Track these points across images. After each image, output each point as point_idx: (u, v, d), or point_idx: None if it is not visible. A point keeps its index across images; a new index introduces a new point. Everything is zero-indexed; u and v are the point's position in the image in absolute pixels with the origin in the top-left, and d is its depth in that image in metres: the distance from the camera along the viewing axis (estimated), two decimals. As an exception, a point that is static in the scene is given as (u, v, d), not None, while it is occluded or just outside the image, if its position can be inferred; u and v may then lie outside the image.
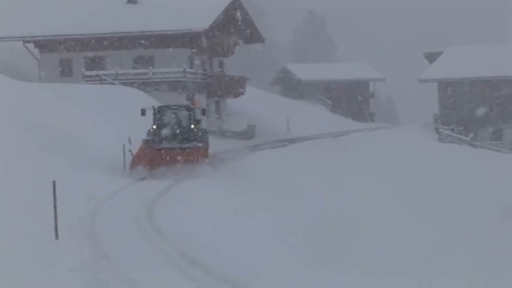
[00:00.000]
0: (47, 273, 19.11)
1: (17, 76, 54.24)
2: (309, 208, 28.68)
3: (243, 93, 69.72)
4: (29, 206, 26.85)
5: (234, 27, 67.93)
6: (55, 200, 24.70)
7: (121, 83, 57.16)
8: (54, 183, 25.20)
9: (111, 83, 57.33)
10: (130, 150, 40.35)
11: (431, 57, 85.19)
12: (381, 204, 29.90)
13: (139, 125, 43.08)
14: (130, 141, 40.62)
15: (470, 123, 78.21)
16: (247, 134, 66.47)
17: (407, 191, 34.91)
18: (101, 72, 60.59)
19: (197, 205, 28.80)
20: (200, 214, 26.63)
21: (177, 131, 42.09)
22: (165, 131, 41.74)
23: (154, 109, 42.42)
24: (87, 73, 60.65)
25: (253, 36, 71.24)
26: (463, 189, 40.39)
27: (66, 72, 62.87)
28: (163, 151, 40.74)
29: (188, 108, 43.92)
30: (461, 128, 76.60)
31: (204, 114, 47.55)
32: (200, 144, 41.40)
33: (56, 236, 23.59)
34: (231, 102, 70.83)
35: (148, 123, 42.25)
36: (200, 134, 42.64)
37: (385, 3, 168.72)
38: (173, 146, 41.17)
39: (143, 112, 42.15)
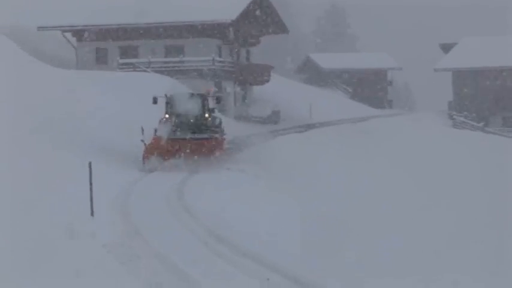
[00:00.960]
0: (83, 248, 19.13)
1: (56, 63, 54.22)
2: (326, 195, 28.45)
3: (268, 81, 69.75)
4: (60, 187, 26.93)
5: (260, 18, 67.80)
6: (91, 179, 24.60)
7: (153, 71, 57.21)
8: (90, 164, 25.11)
9: (144, 71, 57.38)
10: (142, 141, 36.47)
11: (446, 47, 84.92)
12: (395, 191, 29.61)
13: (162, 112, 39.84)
14: (143, 131, 36.66)
15: (482, 110, 77.94)
16: (272, 119, 66.46)
17: (423, 177, 34.57)
18: (134, 61, 60.76)
19: (220, 190, 28.58)
20: (224, 199, 26.37)
21: (191, 120, 38.79)
22: (178, 120, 38.45)
23: (166, 97, 39.18)
24: (122, 61, 60.84)
25: (278, 27, 71.12)
26: (475, 173, 40.18)
27: (101, 60, 63.06)
28: (177, 142, 37.06)
29: (202, 96, 40.05)
30: (473, 114, 76.34)
31: (218, 102, 42.97)
32: (216, 135, 38.18)
33: (92, 214, 23.64)
34: (256, 89, 70.78)
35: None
36: (215, 123, 39.63)
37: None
38: (188, 136, 37.37)
39: (155, 100, 38.91)
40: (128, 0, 67.66)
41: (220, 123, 40.06)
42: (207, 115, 39.04)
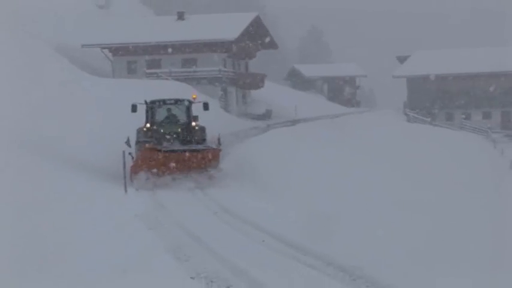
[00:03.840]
0: (119, 217, 19.35)
1: (97, 74, 54.45)
2: (305, 167, 28.17)
3: (262, 86, 69.91)
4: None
5: (256, 37, 67.88)
6: (124, 162, 24.76)
7: (172, 79, 57.22)
8: (123, 152, 25.12)
9: (166, 79, 57.39)
10: (130, 154, 26.62)
11: (402, 59, 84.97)
12: (358, 168, 29.39)
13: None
14: (129, 142, 26.75)
15: (430, 108, 78.09)
16: (266, 116, 66.52)
17: (380, 157, 34.59)
18: (158, 71, 60.67)
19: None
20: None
21: (178, 129, 28.54)
22: (163, 130, 28.34)
23: (146, 104, 28.97)
24: (148, 71, 60.79)
25: (270, 43, 71.06)
26: (421, 152, 40.77)
27: (132, 70, 63.00)
28: (169, 154, 26.14)
29: (187, 103, 29.58)
30: (423, 111, 76.45)
31: (206, 108, 29.52)
32: (214, 146, 27.62)
33: (125, 191, 23.78)
34: (253, 93, 70.87)
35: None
36: (202, 133, 28.87)
37: (369, 16, 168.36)
38: (181, 148, 26.98)
39: (134, 108, 28.35)
40: (153, 24, 68.27)
41: (204, 132, 29.05)
42: (193, 124, 28.93)
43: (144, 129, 28.58)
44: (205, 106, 29.53)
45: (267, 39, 70.02)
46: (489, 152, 58.72)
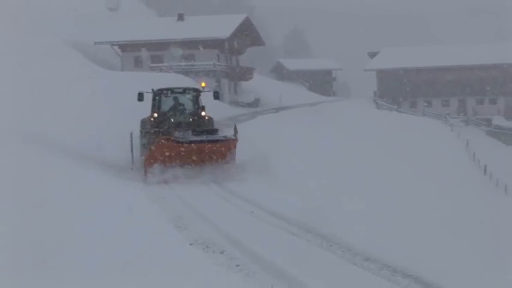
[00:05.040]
0: (126, 187, 19.19)
1: (107, 67, 54.38)
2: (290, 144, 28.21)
3: (251, 78, 69.84)
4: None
5: (246, 35, 67.78)
6: (132, 141, 23.74)
7: (173, 72, 57.18)
8: (131, 134, 23.77)
9: (167, 72, 57.33)
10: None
11: (372, 54, 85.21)
12: (332, 146, 29.65)
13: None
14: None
15: (396, 97, 78.38)
16: (254, 104, 66.55)
17: (353, 137, 34.85)
18: (160, 64, 60.53)
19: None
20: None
21: (190, 119, 23.89)
22: (174, 120, 23.69)
23: (154, 92, 24.19)
24: (152, 65, 60.64)
25: (258, 41, 71.03)
26: (387, 132, 41.31)
27: (138, 64, 62.80)
28: (189, 146, 21.03)
29: (195, 91, 24.73)
30: (390, 100, 76.74)
31: (217, 97, 24.83)
32: (232, 136, 21.84)
33: (131, 168, 23.12)
34: (244, 84, 70.85)
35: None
36: (209, 122, 24.11)
37: (345, 17, 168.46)
38: (201, 138, 21.58)
39: (141, 97, 23.54)
40: (157, 23, 68.13)
41: (212, 122, 24.43)
42: (203, 113, 24.06)
43: (152, 119, 23.79)
44: (216, 95, 24.77)
45: (256, 37, 69.96)
46: (447, 134, 59.13)
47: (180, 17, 66.29)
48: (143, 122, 24.45)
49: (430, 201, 21.98)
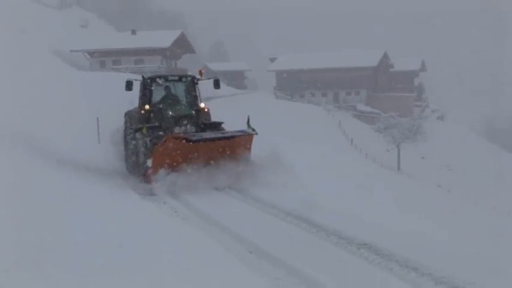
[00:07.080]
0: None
1: (79, 68, 54.00)
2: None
3: (186, 77, 69.97)
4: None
5: (181, 45, 68.17)
6: (98, 128, 20.70)
7: (129, 72, 57.02)
8: (97, 119, 20.01)
9: (124, 72, 57.14)
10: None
11: (272, 59, 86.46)
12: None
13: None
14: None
15: (291, 91, 79.76)
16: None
17: (256, 117, 35.67)
18: (119, 66, 60.51)
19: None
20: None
21: (192, 112, 15.67)
22: (172, 113, 15.26)
23: (144, 80, 16.46)
24: (113, 67, 60.56)
25: (190, 49, 71.55)
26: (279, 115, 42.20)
27: (102, 66, 62.58)
28: (201, 145, 13.27)
29: (193, 80, 17.17)
30: (287, 92, 78.26)
31: (217, 86, 17.14)
32: (251, 131, 14.25)
33: (98, 141, 20.77)
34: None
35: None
36: (208, 116, 16.62)
37: (254, 27, 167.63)
38: (214, 136, 13.72)
39: (129, 86, 15.86)
40: (116, 36, 67.76)
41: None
42: (202, 105, 16.53)
43: (142, 111, 15.82)
44: (216, 83, 17.05)
45: (189, 46, 70.39)
46: (325, 116, 61.37)
47: (133, 32, 66.40)
48: (130, 117, 16.46)
49: (321, 159, 23.90)
